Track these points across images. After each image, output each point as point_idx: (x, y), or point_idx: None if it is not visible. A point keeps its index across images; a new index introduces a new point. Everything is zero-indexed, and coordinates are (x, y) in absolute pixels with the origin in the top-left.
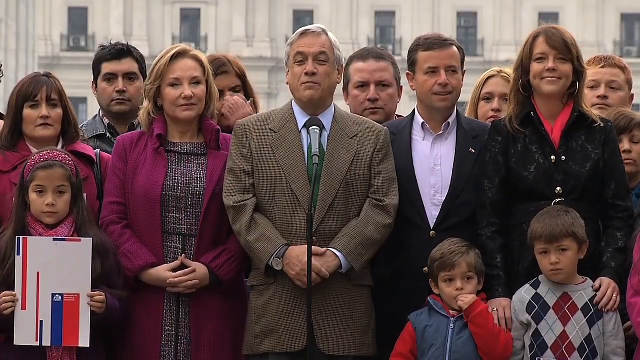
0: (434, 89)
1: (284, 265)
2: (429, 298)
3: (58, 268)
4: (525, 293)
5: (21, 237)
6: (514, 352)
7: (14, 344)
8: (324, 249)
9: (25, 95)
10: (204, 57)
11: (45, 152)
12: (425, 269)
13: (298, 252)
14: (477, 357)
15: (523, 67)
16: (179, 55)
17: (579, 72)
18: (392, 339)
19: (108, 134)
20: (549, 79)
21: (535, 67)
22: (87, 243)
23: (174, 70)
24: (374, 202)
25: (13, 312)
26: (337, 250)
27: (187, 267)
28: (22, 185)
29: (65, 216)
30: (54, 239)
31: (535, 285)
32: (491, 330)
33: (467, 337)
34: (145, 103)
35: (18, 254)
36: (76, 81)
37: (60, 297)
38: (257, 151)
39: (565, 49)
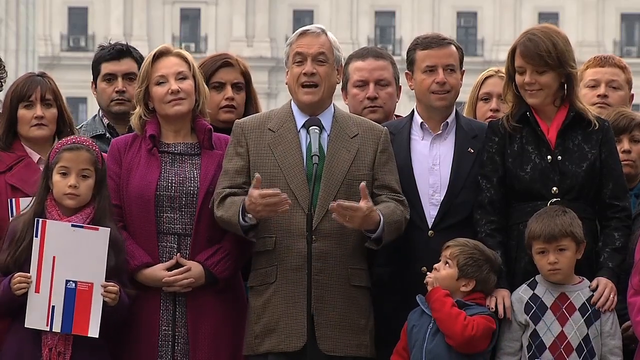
0: (432, 88)
1: (250, 213)
2: (417, 296)
3: (74, 255)
4: (522, 293)
5: (40, 220)
6: (512, 353)
7: (25, 326)
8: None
9: (19, 95)
10: (188, 55)
11: (73, 137)
12: (424, 268)
13: (250, 192)
14: (450, 358)
15: (509, 76)
16: (161, 54)
17: (568, 75)
18: (391, 339)
19: (107, 134)
20: (530, 92)
21: (518, 78)
22: (104, 233)
23: (158, 68)
24: (393, 196)
25: (25, 295)
26: (380, 212)
27: (183, 266)
28: (47, 167)
29: (87, 202)
30: (72, 225)
31: (532, 286)
32: (447, 313)
33: (440, 337)
34: (137, 108)
35: (36, 236)
36: (76, 81)
37: (73, 284)
38: (255, 151)
39: (541, 62)
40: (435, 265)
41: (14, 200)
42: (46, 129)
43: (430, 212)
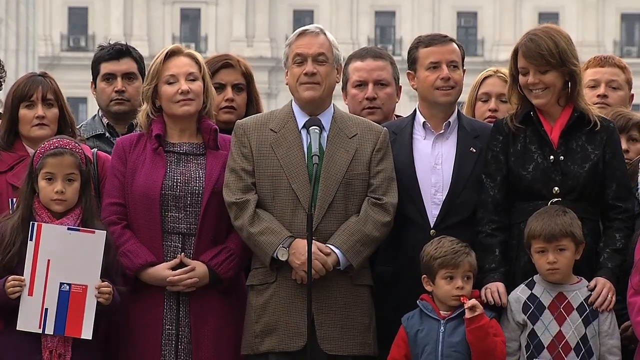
0: (437, 84)
1: (290, 254)
2: (418, 301)
3: (69, 258)
4: (520, 293)
5: (35, 223)
6: (510, 353)
7: (17, 328)
8: (329, 250)
9: (20, 95)
10: (199, 56)
11: (55, 140)
12: None
13: (304, 244)
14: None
15: (513, 78)
16: (173, 53)
17: (571, 73)
18: (392, 338)
19: (107, 134)
20: (535, 91)
21: (521, 79)
22: (100, 235)
23: (169, 67)
24: (372, 200)
25: (19, 298)
26: (335, 246)
27: (187, 266)
28: (31, 172)
29: (74, 205)
30: (68, 228)
31: (530, 286)
32: (488, 345)
33: (458, 340)
34: (144, 105)
35: (31, 240)
36: (76, 81)
37: (67, 287)
38: (257, 151)
39: (542, 61)
40: (459, 284)
41: (15, 200)
42: (47, 128)
43: (432, 211)
